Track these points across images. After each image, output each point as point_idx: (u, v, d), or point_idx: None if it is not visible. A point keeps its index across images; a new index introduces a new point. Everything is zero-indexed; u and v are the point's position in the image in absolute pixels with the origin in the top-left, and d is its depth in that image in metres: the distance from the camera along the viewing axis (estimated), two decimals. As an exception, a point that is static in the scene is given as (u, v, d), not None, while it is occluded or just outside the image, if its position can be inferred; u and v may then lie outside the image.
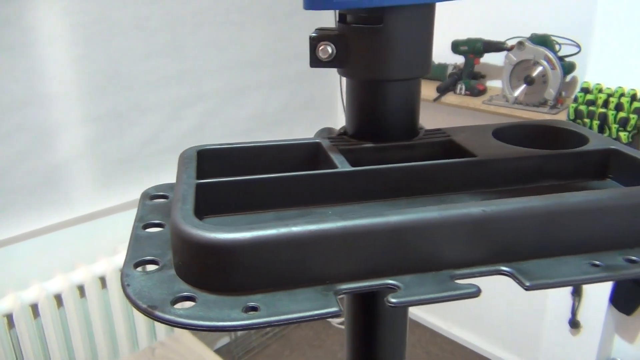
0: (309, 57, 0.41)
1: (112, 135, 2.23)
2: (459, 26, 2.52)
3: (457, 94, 2.41)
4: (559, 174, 0.39)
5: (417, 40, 0.40)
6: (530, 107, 2.19)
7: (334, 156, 0.40)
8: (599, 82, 2.00)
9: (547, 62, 2.11)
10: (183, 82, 2.39)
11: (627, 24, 1.88)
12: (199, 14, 2.37)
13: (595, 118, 1.93)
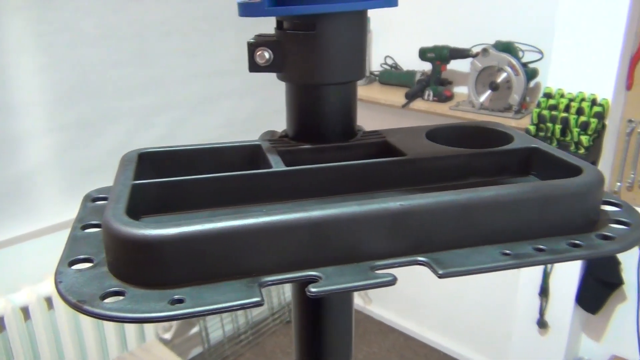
0: (248, 62, 0.42)
1: (79, 145, 2.21)
2: (426, 34, 2.57)
3: (425, 100, 2.45)
4: (484, 171, 0.42)
5: (350, 45, 0.42)
6: (495, 112, 2.24)
7: (270, 157, 0.41)
8: (560, 87, 2.06)
9: (510, 69, 2.16)
10: (151, 90, 2.39)
11: (585, 32, 1.95)
12: (166, 22, 2.37)
13: (558, 122, 1.99)
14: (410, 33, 2.65)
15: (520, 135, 0.44)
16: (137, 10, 2.27)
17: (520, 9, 2.30)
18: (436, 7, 2.55)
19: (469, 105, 2.31)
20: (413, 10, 2.62)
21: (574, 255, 0.33)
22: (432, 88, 2.42)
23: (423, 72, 2.54)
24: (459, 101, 2.39)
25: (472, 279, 2.69)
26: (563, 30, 2.01)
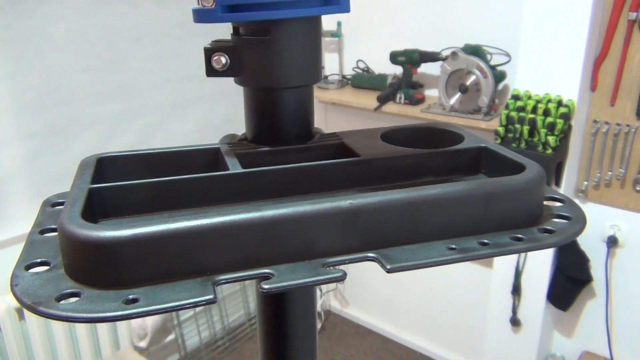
0: (205, 67, 0.43)
1: (49, 152, 2.18)
2: (396, 37, 2.60)
3: (397, 103, 2.48)
4: (436, 171, 0.43)
5: (305, 50, 0.43)
6: (465, 114, 2.28)
7: (228, 160, 0.42)
8: (528, 89, 2.11)
9: (479, 72, 2.20)
10: (123, 96, 2.37)
11: (551, 35, 2.00)
12: (137, 27, 2.36)
13: (526, 123, 2.03)
14: (381, 37, 2.68)
15: (470, 135, 0.46)
16: (107, 15, 2.25)
17: (488, 13, 2.34)
18: (406, 12, 2.59)
19: (440, 107, 2.35)
20: (383, 14, 2.65)
21: (516, 248, 0.34)
22: (403, 91, 2.45)
23: (394, 75, 2.57)
24: (430, 104, 2.42)
25: (446, 279, 2.73)
26: (529, 34, 2.06)
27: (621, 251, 2.20)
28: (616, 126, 2.10)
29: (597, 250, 2.23)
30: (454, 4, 2.43)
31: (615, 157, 2.12)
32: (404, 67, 2.45)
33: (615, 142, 2.12)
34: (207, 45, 0.43)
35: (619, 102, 2.08)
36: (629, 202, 2.14)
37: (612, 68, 2.06)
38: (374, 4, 2.66)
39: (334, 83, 2.72)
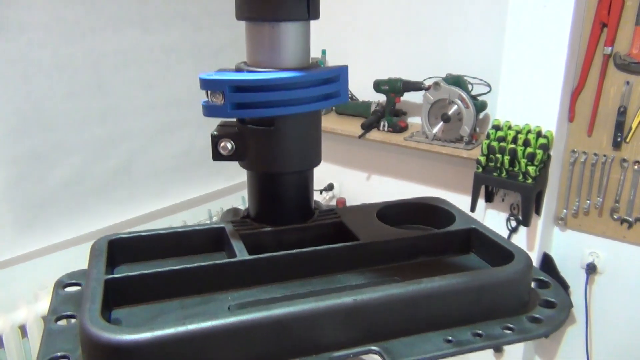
0: (212, 152, 0.45)
1: (32, 177, 2.17)
2: (380, 66, 2.65)
3: (381, 131, 2.52)
4: (430, 251, 0.46)
5: (306, 138, 0.45)
6: (448, 143, 2.33)
7: (234, 243, 0.44)
8: (508, 119, 2.16)
9: (461, 102, 2.25)
10: (108, 121, 2.37)
11: (530, 67, 2.06)
12: (123, 53, 2.37)
13: (506, 153, 2.08)
14: (365, 65, 2.73)
15: (460, 214, 0.49)
16: (93, 41, 2.26)
17: (469, 44, 2.41)
18: (390, 41, 2.64)
19: (423, 136, 2.39)
20: (368, 43, 2.70)
21: (508, 340, 0.37)
22: (387, 119, 2.49)
23: (378, 102, 2.62)
24: (413, 132, 2.47)
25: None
26: (509, 66, 2.12)
27: (600, 278, 2.25)
28: (593, 156, 2.17)
29: (577, 277, 2.28)
30: (436, 34, 2.49)
31: (593, 186, 2.19)
32: (387, 96, 2.49)
33: (593, 172, 2.18)
34: (214, 131, 0.45)
35: (596, 133, 2.15)
36: (606, 230, 2.19)
37: (588, 100, 2.13)
38: (358, 33, 2.71)
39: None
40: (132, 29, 2.38)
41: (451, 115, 2.29)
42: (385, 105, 2.51)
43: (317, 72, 0.43)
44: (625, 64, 2.00)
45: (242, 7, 0.43)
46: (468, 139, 2.28)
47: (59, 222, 2.27)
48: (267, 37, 0.43)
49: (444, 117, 2.31)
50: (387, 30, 2.64)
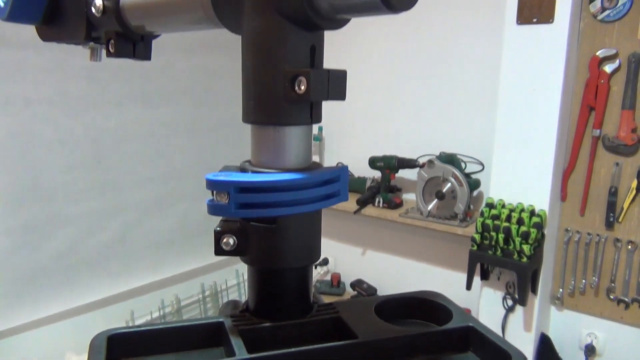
0: (214, 246, 0.46)
1: (25, 249, 2.15)
2: (375, 143, 2.71)
3: (376, 207, 2.54)
4: (428, 349, 0.46)
5: (307, 236, 0.46)
6: (442, 220, 2.34)
7: (233, 340, 0.44)
8: (501, 197, 2.19)
9: (454, 180, 2.29)
10: (105, 193, 2.39)
11: (521, 147, 2.10)
12: (124, 127, 2.42)
13: (501, 231, 2.08)
14: (361, 142, 2.79)
15: (458, 311, 0.49)
16: (95, 115, 2.31)
17: (462, 124, 2.48)
18: (385, 119, 2.72)
19: (418, 212, 2.41)
20: (363, 120, 2.78)
21: None
22: (382, 195, 2.52)
23: (373, 178, 2.65)
24: (408, 208, 2.49)
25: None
26: (501, 146, 2.17)
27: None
28: (587, 235, 2.18)
29: (575, 358, 2.23)
30: (430, 113, 2.57)
31: (588, 265, 2.18)
32: (382, 172, 2.53)
33: (587, 251, 2.18)
34: (217, 227, 0.46)
35: (588, 212, 2.17)
36: (603, 311, 2.17)
37: (580, 180, 2.17)
38: (355, 110, 2.79)
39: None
40: (134, 105, 2.44)
41: (445, 192, 2.32)
42: (381, 181, 2.55)
43: (319, 173, 0.44)
44: (614, 146, 2.06)
45: (248, 112, 0.45)
46: (462, 217, 2.30)
47: (48, 295, 2.24)
48: (271, 139, 0.45)
49: (439, 194, 2.34)
50: (383, 109, 2.72)
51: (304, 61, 0.44)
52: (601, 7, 2.01)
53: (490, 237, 2.11)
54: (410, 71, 2.61)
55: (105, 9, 0.57)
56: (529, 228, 2.06)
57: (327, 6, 0.41)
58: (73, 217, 2.29)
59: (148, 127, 2.51)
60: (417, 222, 2.37)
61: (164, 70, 2.53)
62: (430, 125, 2.57)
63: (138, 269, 2.56)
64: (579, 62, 2.09)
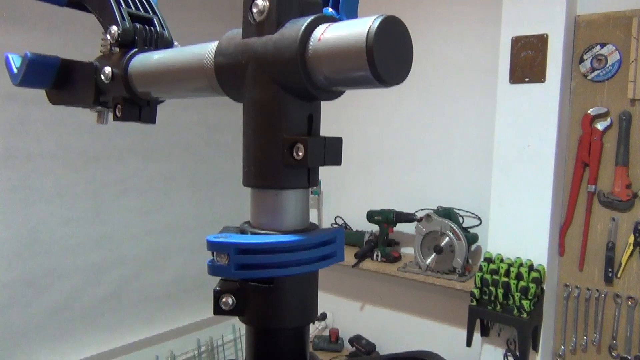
0: (213, 306, 0.47)
1: (19, 303, 2.13)
2: (373, 196, 2.74)
3: (374, 261, 2.53)
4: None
5: (304, 296, 0.48)
6: (441, 274, 2.33)
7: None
8: (499, 252, 2.19)
9: (452, 234, 2.30)
10: (103, 247, 2.39)
11: (518, 202, 2.13)
12: (124, 181, 2.44)
13: (500, 286, 2.07)
14: (359, 195, 2.81)
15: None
16: (96, 169, 2.34)
17: (459, 178, 2.51)
18: (383, 173, 2.75)
19: (416, 266, 2.41)
20: (361, 174, 2.81)
21: None
22: (380, 249, 2.52)
23: (371, 232, 2.66)
24: (406, 262, 2.48)
25: None
26: (497, 201, 2.19)
27: (603, 421, 2.15)
28: (586, 291, 2.17)
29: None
30: (427, 168, 2.60)
31: (589, 321, 2.16)
32: (380, 226, 2.54)
33: (587, 307, 2.17)
34: (217, 287, 0.47)
35: (587, 267, 2.17)
36: (606, 369, 2.14)
37: (577, 235, 2.18)
38: (353, 164, 2.83)
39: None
40: (135, 159, 2.47)
41: (443, 247, 2.33)
42: (379, 235, 2.55)
43: (316, 235, 0.46)
44: (609, 202, 2.08)
45: (248, 176, 0.47)
46: (461, 271, 2.29)
47: (42, 350, 2.20)
48: (270, 203, 0.46)
49: (437, 248, 2.34)
50: (381, 163, 2.76)
51: (301, 129, 0.46)
52: (591, 68, 2.08)
53: (489, 292, 2.10)
54: (408, 126, 2.66)
55: (113, 76, 0.61)
56: (528, 283, 2.05)
57: (323, 79, 0.44)
58: (69, 270, 2.28)
59: (148, 181, 2.54)
60: (416, 276, 2.36)
61: (165, 125, 2.58)
62: (427, 180, 2.60)
63: (133, 323, 2.53)
64: (572, 120, 2.14)
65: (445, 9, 2.50)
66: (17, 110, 2.06)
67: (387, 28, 0.40)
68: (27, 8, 2.03)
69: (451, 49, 2.49)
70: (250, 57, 0.46)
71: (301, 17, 0.45)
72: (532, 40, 2.05)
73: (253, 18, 0.46)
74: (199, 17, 2.64)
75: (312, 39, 0.43)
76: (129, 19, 0.63)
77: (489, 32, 2.32)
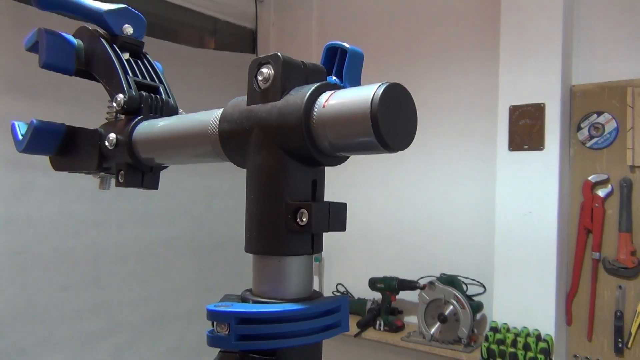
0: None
1: (11, 376, 2.06)
2: (375, 264, 2.70)
3: (377, 330, 2.47)
4: None
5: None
6: (446, 344, 2.26)
7: None
8: (505, 321, 2.14)
9: (456, 302, 2.25)
10: (99, 314, 2.33)
11: (522, 270, 2.10)
12: (124, 247, 2.42)
13: (507, 358, 2.01)
14: (361, 263, 2.78)
15: None
16: (96, 234, 2.32)
17: (461, 245, 2.48)
18: (384, 240, 2.73)
19: (420, 336, 2.34)
20: (363, 241, 2.79)
21: None
22: (383, 317, 2.46)
23: (374, 300, 2.60)
24: (410, 331, 2.42)
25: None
26: (501, 269, 2.16)
27: None
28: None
29: None
30: (429, 234, 2.58)
31: (601, 395, 2.08)
32: (383, 294, 2.50)
33: (599, 380, 2.09)
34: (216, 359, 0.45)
35: (596, 337, 2.11)
36: None
37: (584, 303, 2.13)
38: (354, 231, 2.81)
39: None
40: (135, 224, 2.46)
41: (448, 315, 2.27)
42: (381, 303, 2.50)
43: (321, 304, 0.45)
44: (615, 269, 2.05)
45: (251, 242, 0.46)
46: (467, 341, 2.23)
47: None
48: (273, 269, 0.45)
49: (441, 317, 2.28)
50: (382, 230, 2.74)
51: (305, 194, 0.46)
52: (589, 135, 2.11)
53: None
54: (409, 192, 2.67)
55: (118, 143, 0.61)
56: (536, 354, 1.99)
57: (327, 145, 0.44)
58: (64, 339, 2.21)
59: (148, 246, 2.52)
60: (420, 346, 2.29)
61: (165, 191, 2.57)
62: (429, 246, 2.58)
63: (127, 396, 2.43)
64: (573, 186, 2.15)
65: (443, 78, 2.56)
66: (20, 177, 2.07)
67: (392, 94, 0.40)
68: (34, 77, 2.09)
69: (450, 116, 2.54)
70: (255, 123, 0.46)
71: (305, 85, 0.46)
72: (529, 109, 2.09)
73: (258, 85, 0.47)
74: (204, 86, 2.71)
75: (316, 105, 0.43)
76: (135, 87, 0.64)
77: (486, 101, 2.37)
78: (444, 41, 2.57)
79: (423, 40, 2.64)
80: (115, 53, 0.65)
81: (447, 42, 2.56)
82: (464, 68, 2.50)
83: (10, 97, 2.04)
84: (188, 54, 2.74)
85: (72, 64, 0.67)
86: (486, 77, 2.38)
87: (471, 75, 2.48)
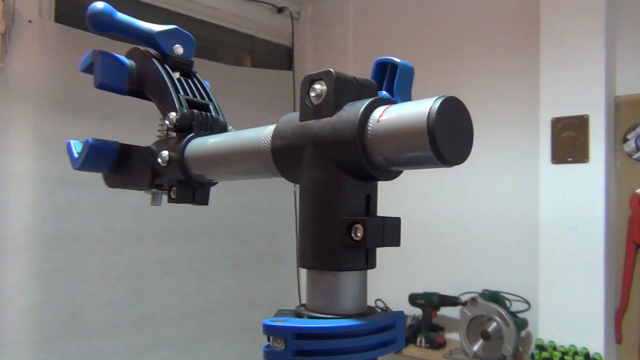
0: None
1: (59, 389, 2.10)
2: (415, 279, 2.66)
3: (418, 346, 2.43)
4: None
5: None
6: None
7: None
8: (551, 339, 2.07)
9: (500, 319, 2.19)
10: (142, 329, 2.37)
11: (569, 286, 2.03)
12: (165, 263, 2.46)
13: (554, 376, 1.95)
14: (401, 277, 2.74)
15: None
16: (139, 251, 2.37)
17: (504, 260, 2.43)
18: (425, 254, 2.69)
19: (462, 354, 2.29)
20: (403, 256, 2.75)
21: None
22: (424, 334, 2.42)
23: (414, 316, 2.57)
24: (452, 349, 2.37)
25: None
26: (546, 285, 2.10)
27: None
28: (650, 383, 2.01)
29: None
30: (471, 249, 2.54)
31: (655, 418, 1.99)
32: (423, 310, 2.46)
33: (652, 402, 2.00)
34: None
35: (648, 356, 2.02)
36: None
37: (634, 321, 2.05)
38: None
39: None
40: (177, 240, 2.50)
41: (491, 332, 2.22)
42: (422, 319, 2.46)
43: (377, 320, 0.44)
44: (667, 285, 1.97)
45: (305, 258, 0.46)
46: (511, 359, 2.17)
47: None
48: (328, 285, 0.45)
49: (484, 334, 2.23)
50: (422, 243, 2.70)
51: (359, 209, 0.46)
52: (635, 147, 2.05)
53: (544, 384, 1.97)
54: (451, 206, 2.63)
55: (170, 160, 0.62)
56: (587, 374, 1.92)
57: (382, 159, 0.44)
58: (108, 353, 2.25)
59: (189, 262, 2.55)
60: (463, 364, 2.24)
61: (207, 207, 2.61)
62: (471, 261, 2.53)
63: (169, 411, 2.45)
64: (620, 200, 2.08)
65: (482, 90, 2.53)
66: (66, 194, 2.13)
67: (448, 108, 0.40)
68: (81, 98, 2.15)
69: (489, 128, 2.50)
70: (308, 139, 0.47)
71: (358, 100, 0.46)
72: (572, 121, 2.04)
73: (311, 101, 0.47)
74: (242, 103, 2.74)
75: (370, 120, 0.43)
76: (186, 105, 0.66)
77: (527, 113, 2.33)
78: (482, 53, 2.55)
79: (461, 53, 2.62)
80: (167, 72, 0.67)
81: (486, 54, 2.54)
82: (503, 80, 2.47)
83: (57, 117, 2.11)
84: (226, 72, 2.78)
85: (125, 83, 0.69)
86: (527, 89, 2.34)
87: (511, 87, 2.45)
